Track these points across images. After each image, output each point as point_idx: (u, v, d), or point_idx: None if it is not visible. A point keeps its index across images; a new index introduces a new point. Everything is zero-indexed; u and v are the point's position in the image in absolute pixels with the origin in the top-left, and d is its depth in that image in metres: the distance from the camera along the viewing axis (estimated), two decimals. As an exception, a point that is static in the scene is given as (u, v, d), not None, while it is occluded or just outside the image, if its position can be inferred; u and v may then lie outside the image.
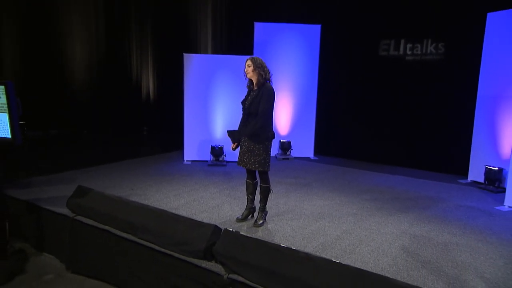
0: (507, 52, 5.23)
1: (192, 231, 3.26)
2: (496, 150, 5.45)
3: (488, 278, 2.90)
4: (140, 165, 6.27)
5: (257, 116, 3.60)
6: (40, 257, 4.11)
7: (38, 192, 4.56)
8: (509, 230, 3.91)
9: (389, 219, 4.12)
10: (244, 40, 7.02)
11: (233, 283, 2.85)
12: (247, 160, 3.69)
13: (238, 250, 2.98)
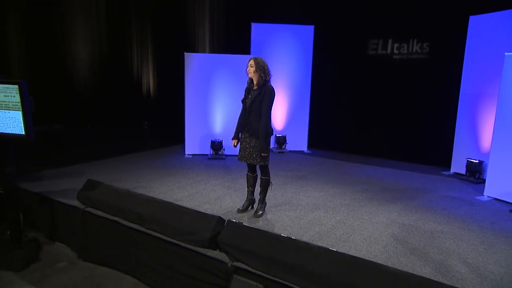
0: (487, 53, 5.26)
1: (197, 222, 3.30)
2: (477, 144, 5.50)
3: (470, 263, 2.99)
4: (143, 158, 6.25)
5: (257, 114, 3.61)
6: (52, 246, 4.13)
7: (48, 185, 4.56)
8: (488, 218, 4.00)
9: (379, 209, 4.17)
10: (241, 39, 6.99)
11: (237, 270, 2.90)
12: (249, 155, 3.70)
13: (241, 239, 3.03)
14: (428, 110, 6.32)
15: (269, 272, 2.78)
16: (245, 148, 3.72)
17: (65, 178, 4.91)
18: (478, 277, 2.76)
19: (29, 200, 4.26)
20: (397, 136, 6.71)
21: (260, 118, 3.61)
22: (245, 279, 2.84)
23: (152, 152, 6.78)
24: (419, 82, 6.40)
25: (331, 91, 7.17)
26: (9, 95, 3.38)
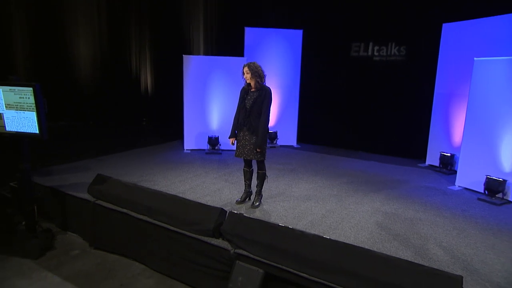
0: (459, 58, 5.36)
1: (201, 213, 3.33)
2: (449, 139, 5.60)
3: (445, 246, 3.12)
4: (145, 154, 6.20)
5: (258, 114, 3.66)
6: (65, 235, 4.14)
7: (59, 180, 4.53)
8: (459, 206, 4.13)
9: (364, 199, 4.25)
10: (235, 42, 6.95)
11: (239, 256, 2.95)
12: (249, 152, 3.73)
13: (242, 229, 3.06)
14: (406, 107, 6.39)
15: (268, 258, 2.83)
16: (245, 145, 3.75)
17: (74, 172, 4.87)
18: (452, 258, 2.90)
19: (42, 193, 4.24)
20: (378, 131, 6.78)
21: (259, 118, 3.65)
22: (246, 265, 2.88)
23: (153, 148, 6.72)
24: (397, 82, 6.47)
25: (318, 90, 7.19)
26: (24, 96, 3.36)
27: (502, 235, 3.40)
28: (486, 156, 4.55)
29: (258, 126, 3.66)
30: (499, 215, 3.89)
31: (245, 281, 2.82)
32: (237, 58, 6.26)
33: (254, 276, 2.81)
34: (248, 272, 2.85)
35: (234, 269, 2.91)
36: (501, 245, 3.19)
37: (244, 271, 2.87)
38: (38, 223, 3.89)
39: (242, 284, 2.82)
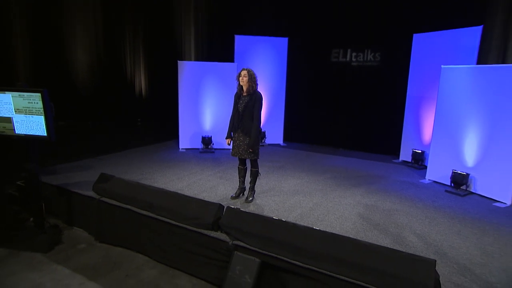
0: (428, 64, 5.46)
1: (201, 208, 3.34)
2: (420, 137, 5.71)
3: (419, 233, 3.25)
4: (143, 153, 6.14)
5: (250, 117, 3.69)
6: (71, 231, 4.10)
7: (63, 178, 4.48)
8: (430, 198, 4.26)
9: (346, 192, 4.33)
10: (225, 49, 6.95)
11: (237, 247, 2.99)
12: (243, 151, 3.77)
13: (239, 222, 3.10)
14: (381, 108, 6.48)
15: (264, 248, 2.88)
16: (239, 145, 3.79)
17: (77, 171, 4.82)
18: (425, 244, 3.04)
19: (48, 191, 4.20)
20: (357, 130, 6.85)
21: (252, 120, 3.70)
22: (244, 255, 2.91)
23: (149, 147, 6.64)
24: (373, 85, 6.56)
25: (302, 92, 7.23)
26: (33, 101, 3.34)
27: (466, 222, 3.57)
28: (452, 153, 4.68)
29: (251, 128, 3.71)
30: (464, 205, 4.06)
31: (243, 270, 2.86)
32: (228, 64, 6.31)
33: (251, 265, 2.85)
34: (245, 262, 2.88)
35: (232, 259, 2.94)
36: (465, 231, 3.36)
37: (242, 261, 2.90)
38: (46, 220, 3.86)
39: (240, 273, 2.86)
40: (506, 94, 4.07)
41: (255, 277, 2.80)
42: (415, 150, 5.67)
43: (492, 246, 3.09)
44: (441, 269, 2.57)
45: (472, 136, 4.46)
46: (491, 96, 4.23)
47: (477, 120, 4.39)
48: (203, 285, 3.16)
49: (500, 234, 3.34)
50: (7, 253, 3.54)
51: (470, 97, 4.45)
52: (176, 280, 3.23)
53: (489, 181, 4.31)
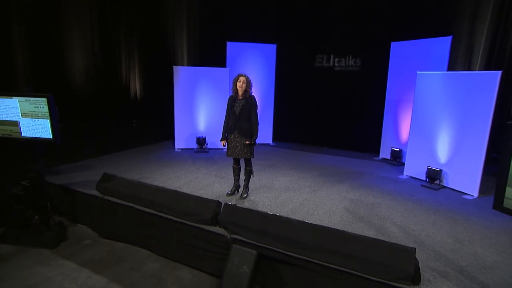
0: (405, 70, 5.58)
1: (200, 205, 3.36)
2: (398, 137, 5.82)
3: (399, 224, 3.37)
4: (141, 153, 6.09)
5: (246, 119, 3.74)
6: (75, 227, 4.08)
7: (67, 178, 4.44)
8: (408, 192, 4.38)
9: (333, 188, 4.40)
10: (217, 54, 6.95)
11: (235, 241, 3.03)
12: (239, 151, 3.79)
13: (236, 217, 3.14)
14: (362, 110, 6.55)
15: (260, 241, 2.93)
16: (236, 146, 3.80)
17: (79, 171, 4.77)
18: (405, 234, 3.16)
19: (53, 190, 4.16)
20: (340, 130, 6.91)
21: (248, 122, 3.75)
22: (241, 247, 2.95)
23: (146, 147, 6.58)
24: (354, 88, 6.63)
25: (290, 95, 7.27)
26: (39, 106, 3.32)
27: (440, 213, 3.72)
28: (427, 151, 4.81)
29: (247, 129, 3.75)
30: (437, 198, 4.20)
31: (241, 261, 2.90)
32: (221, 69, 6.34)
33: (248, 256, 2.89)
34: (243, 254, 2.92)
35: (231, 251, 2.98)
36: (439, 221, 3.51)
37: (239, 253, 2.94)
38: (51, 217, 3.84)
39: (239, 264, 2.90)
40: (473, 97, 4.24)
41: (252, 267, 2.85)
42: (394, 149, 5.78)
43: (462, 234, 3.25)
44: (420, 256, 2.69)
45: (444, 136, 4.61)
46: (460, 99, 4.39)
47: (449, 121, 4.54)
48: (202, 276, 3.20)
49: (469, 223, 3.50)
50: (16, 250, 3.52)
51: (442, 100, 4.60)
52: (177, 272, 3.27)
53: (459, 176, 4.47)
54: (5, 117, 3.35)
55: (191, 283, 3.11)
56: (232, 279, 2.88)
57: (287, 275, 2.85)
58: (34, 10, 6.91)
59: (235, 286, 2.85)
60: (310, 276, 2.74)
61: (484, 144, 4.14)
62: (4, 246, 3.56)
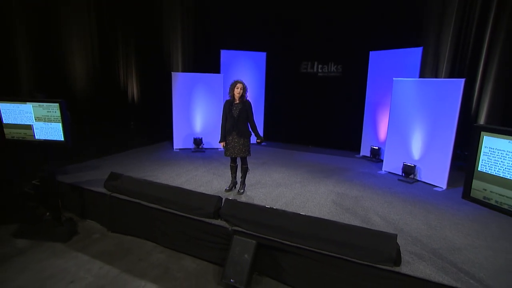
0: (382, 76, 5.72)
1: (203, 200, 3.43)
2: (377, 136, 5.97)
3: (381, 214, 3.52)
4: (141, 153, 6.05)
5: (244, 121, 3.82)
6: (85, 223, 4.09)
7: (75, 177, 4.41)
8: (386, 185, 4.53)
9: (320, 183, 4.50)
10: (213, 61, 6.96)
11: (236, 232, 3.11)
12: (238, 151, 3.85)
13: (236, 210, 3.23)
14: (344, 112, 6.63)
15: (258, 231, 3.02)
16: (234, 146, 3.85)
17: (86, 171, 4.74)
18: (386, 223, 3.32)
19: (63, 189, 4.15)
20: (324, 130, 6.97)
21: (245, 124, 3.83)
22: (242, 238, 3.04)
23: (146, 148, 6.52)
24: (336, 92, 6.70)
25: (278, 98, 7.29)
26: (51, 111, 3.33)
27: (415, 204, 3.89)
28: (403, 148, 4.95)
29: (245, 130, 3.83)
30: (412, 190, 4.38)
31: (242, 250, 2.98)
32: (216, 75, 6.39)
33: (249, 246, 2.98)
34: (243, 244, 3.01)
35: (232, 242, 3.05)
36: (415, 211, 3.68)
37: (240, 243, 3.02)
38: (62, 214, 3.85)
39: (240, 253, 2.98)
40: (441, 101, 4.44)
41: (253, 255, 2.94)
42: (373, 147, 5.91)
43: (434, 221, 3.45)
44: (400, 241, 2.83)
45: (417, 135, 4.80)
46: (430, 103, 4.59)
47: (421, 122, 4.74)
48: (206, 265, 3.27)
49: (440, 212, 3.71)
50: (31, 244, 3.51)
51: (415, 104, 4.78)
52: (182, 262, 3.33)
53: (430, 171, 4.66)
54: (19, 121, 3.34)
55: (195, 271, 3.19)
56: (235, 266, 2.96)
57: (284, 262, 2.96)
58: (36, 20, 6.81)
59: (237, 273, 2.93)
60: (304, 262, 2.86)
61: (451, 143, 4.34)
62: (20, 240, 3.56)
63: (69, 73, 8.10)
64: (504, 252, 2.88)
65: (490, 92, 5.14)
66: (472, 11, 5.24)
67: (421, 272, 2.50)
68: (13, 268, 3.09)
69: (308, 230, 2.87)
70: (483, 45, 5.14)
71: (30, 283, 2.89)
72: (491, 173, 2.08)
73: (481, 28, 5.16)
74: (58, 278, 2.98)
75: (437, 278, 2.44)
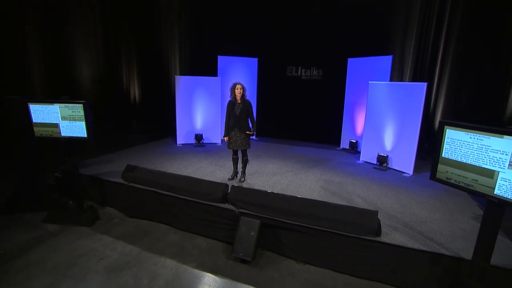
0: (359, 80, 5.93)
1: (211, 187, 3.56)
2: (354, 131, 6.14)
3: (362, 196, 3.76)
4: (148, 148, 6.04)
5: (245, 118, 3.92)
6: (104, 210, 4.13)
7: (93, 170, 4.42)
8: (364, 172, 4.76)
9: (309, 172, 4.68)
10: (211, 66, 6.99)
11: (242, 214, 3.26)
12: (240, 144, 3.97)
13: (242, 195, 3.38)
14: (326, 110, 6.78)
15: (262, 213, 3.19)
16: (236, 140, 3.97)
17: (103, 164, 4.75)
18: (367, 203, 3.56)
19: (84, 180, 4.17)
20: (308, 126, 7.10)
21: (246, 121, 3.94)
22: (248, 218, 3.20)
23: (151, 144, 6.48)
24: (318, 93, 6.83)
25: (268, 99, 7.32)
26: (76, 111, 3.37)
27: (388, 187, 4.15)
28: (377, 141, 5.14)
29: (245, 126, 3.94)
30: (385, 176, 4.65)
31: (248, 229, 3.16)
32: (214, 78, 6.47)
33: (254, 225, 3.15)
34: (249, 223, 3.18)
35: (239, 222, 3.21)
36: (389, 192, 3.95)
37: (247, 223, 3.19)
38: (84, 202, 3.91)
39: (246, 231, 3.16)
40: (408, 101, 4.73)
41: (257, 232, 3.13)
42: (351, 140, 6.11)
43: (404, 200, 3.73)
44: (379, 217, 3.13)
45: (389, 130, 5.06)
46: (399, 103, 4.86)
47: (392, 119, 5.00)
48: (216, 243, 3.42)
49: (408, 193, 4.00)
50: (61, 228, 3.57)
51: (387, 103, 5.01)
52: (195, 241, 3.46)
53: (399, 159, 4.93)
54: (47, 120, 3.37)
55: (207, 248, 3.33)
56: (242, 242, 3.13)
57: (284, 238, 3.15)
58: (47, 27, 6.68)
59: (245, 248, 3.11)
60: (301, 237, 3.06)
61: (417, 136, 4.63)
62: (51, 225, 3.60)
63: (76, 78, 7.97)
64: (458, 223, 3.22)
65: (444, 94, 5.55)
66: (429, 24, 5.59)
67: (397, 240, 2.78)
68: (49, 248, 3.15)
69: (304, 210, 3.07)
70: (438, 54, 5.52)
71: (65, 260, 2.98)
72: (451, 159, 2.36)
73: (437, 38, 5.51)
74: (89, 256, 3.07)
75: (410, 244, 2.73)
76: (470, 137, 2.24)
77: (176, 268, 2.95)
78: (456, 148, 2.32)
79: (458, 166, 2.32)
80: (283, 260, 3.11)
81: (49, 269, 2.85)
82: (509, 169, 2.06)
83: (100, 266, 2.93)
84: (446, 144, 2.38)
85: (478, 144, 2.19)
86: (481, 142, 2.18)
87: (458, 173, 2.33)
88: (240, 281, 2.80)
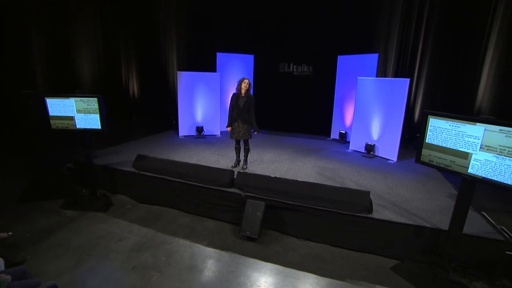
0: (348, 76, 6.07)
1: (219, 173, 3.69)
2: (344, 123, 6.27)
3: (353, 180, 3.96)
4: (153, 140, 6.02)
5: (247, 111, 4.01)
6: (117, 197, 4.19)
7: (104, 160, 4.44)
8: (354, 160, 4.94)
9: (305, 159, 4.84)
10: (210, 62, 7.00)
11: (248, 197, 3.40)
12: (242, 134, 4.06)
13: (248, 180, 3.52)
14: (317, 104, 6.89)
15: (267, 195, 3.34)
16: (239, 131, 4.07)
17: (112, 155, 4.77)
18: (359, 186, 3.77)
19: (96, 169, 4.18)
20: (301, 118, 7.18)
21: (248, 113, 4.04)
22: (253, 201, 3.35)
23: (155, 136, 6.45)
24: (309, 88, 6.93)
25: (264, 93, 7.20)
26: (90, 104, 3.42)
27: (376, 172, 4.37)
28: (365, 132, 5.31)
29: (248, 118, 4.03)
30: (373, 163, 4.86)
31: (254, 210, 3.32)
32: (213, 73, 6.51)
33: (259, 207, 3.32)
34: (255, 205, 3.34)
35: (246, 204, 3.36)
36: (377, 177, 4.17)
37: (253, 204, 3.35)
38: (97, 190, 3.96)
39: (252, 212, 3.31)
40: (392, 95, 4.94)
41: (263, 213, 3.29)
42: (341, 131, 6.23)
43: (391, 183, 3.98)
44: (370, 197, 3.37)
45: (376, 121, 5.25)
46: (385, 96, 5.07)
47: (378, 111, 5.20)
48: (224, 225, 3.56)
49: (394, 177, 4.24)
50: (78, 213, 3.64)
51: (374, 97, 5.18)
52: (204, 223, 3.59)
53: (385, 148, 5.15)
54: (63, 113, 3.40)
55: (216, 229, 3.48)
56: (249, 222, 3.30)
57: (286, 217, 3.32)
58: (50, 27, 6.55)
59: (251, 227, 3.28)
60: (301, 216, 3.23)
61: (400, 127, 4.85)
62: (69, 211, 3.66)
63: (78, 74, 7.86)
64: (436, 200, 3.50)
65: (423, 88, 5.83)
66: (410, 26, 5.84)
67: (386, 217, 3.02)
68: (71, 231, 3.23)
69: (304, 192, 3.25)
70: (418, 53, 5.78)
71: (87, 241, 3.07)
72: (434, 144, 2.59)
73: (416, 39, 5.76)
74: (108, 238, 3.18)
75: (397, 219, 2.97)
76: (449, 124, 2.46)
77: (189, 247, 3.09)
78: (437, 135, 2.55)
79: (439, 150, 2.55)
80: (286, 237, 3.29)
81: (74, 249, 2.94)
82: (480, 151, 2.30)
83: (119, 247, 3.04)
84: (429, 131, 2.60)
85: (456, 131, 2.42)
86: (458, 129, 2.41)
87: (439, 156, 2.56)
88: (248, 256, 2.98)
